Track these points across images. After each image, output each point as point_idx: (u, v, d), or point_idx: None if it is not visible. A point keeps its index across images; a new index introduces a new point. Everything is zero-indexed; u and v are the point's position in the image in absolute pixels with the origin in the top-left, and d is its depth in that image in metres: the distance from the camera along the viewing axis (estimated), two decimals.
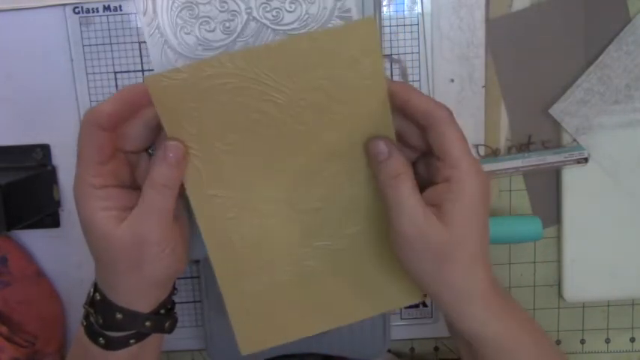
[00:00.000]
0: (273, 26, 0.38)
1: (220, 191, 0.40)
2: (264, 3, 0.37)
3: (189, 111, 0.37)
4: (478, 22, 0.56)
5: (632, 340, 0.63)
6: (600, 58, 0.55)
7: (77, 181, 0.38)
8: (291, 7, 0.38)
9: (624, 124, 0.57)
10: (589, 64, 0.56)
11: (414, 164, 0.42)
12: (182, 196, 0.40)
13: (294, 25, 0.38)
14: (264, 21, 0.38)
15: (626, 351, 0.63)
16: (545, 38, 0.56)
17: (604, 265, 0.59)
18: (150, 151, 0.40)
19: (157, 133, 0.39)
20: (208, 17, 0.38)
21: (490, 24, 0.56)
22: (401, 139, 0.41)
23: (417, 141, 0.40)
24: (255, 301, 0.44)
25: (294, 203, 0.41)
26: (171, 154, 0.37)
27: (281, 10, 0.38)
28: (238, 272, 0.43)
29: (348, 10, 0.40)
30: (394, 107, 0.39)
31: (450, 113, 0.37)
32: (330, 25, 0.39)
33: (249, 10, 0.38)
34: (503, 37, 0.56)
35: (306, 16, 0.38)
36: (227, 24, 0.38)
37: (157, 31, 0.40)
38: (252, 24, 0.38)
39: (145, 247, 0.37)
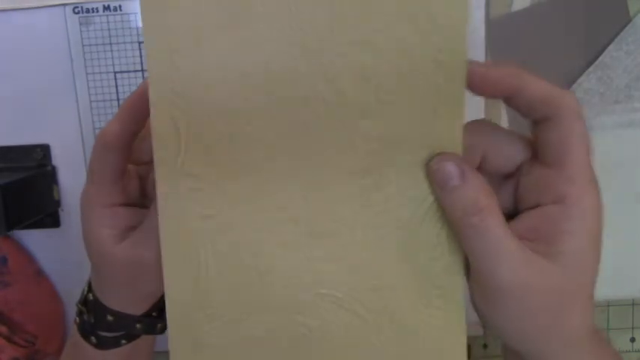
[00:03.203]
0: None
1: (201, 170, 0.28)
2: None
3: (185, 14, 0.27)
4: (478, 22, 0.56)
5: (632, 340, 0.63)
6: (600, 58, 0.55)
7: (85, 199, 0.37)
8: None
9: (624, 124, 0.57)
10: (589, 64, 0.56)
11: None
12: None
13: None
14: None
15: (626, 351, 0.63)
16: (545, 38, 0.56)
17: (604, 265, 0.58)
18: None
19: None
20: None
21: (490, 24, 0.56)
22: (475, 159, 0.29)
23: (502, 160, 0.29)
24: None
25: (301, 216, 0.28)
26: None
27: None
28: (198, 313, 0.30)
29: None
30: (500, 98, 0.27)
31: (578, 102, 0.27)
32: None
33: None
34: (503, 37, 0.56)
35: None
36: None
37: None
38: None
39: (143, 266, 0.37)
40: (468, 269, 0.29)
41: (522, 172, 0.29)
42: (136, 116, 0.35)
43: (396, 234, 0.28)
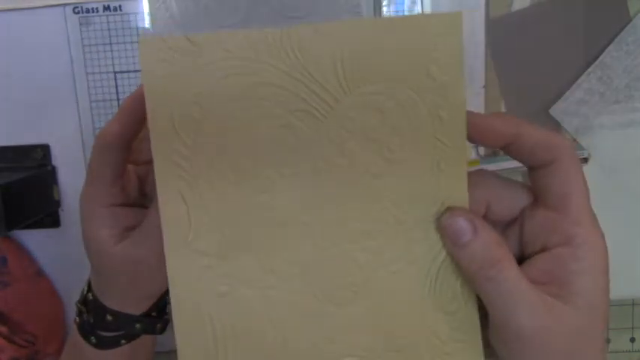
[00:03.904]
0: (284, 12, 0.36)
1: (211, 247, 0.28)
2: None
3: (188, 106, 0.26)
4: (478, 22, 0.56)
5: (632, 340, 0.63)
6: (600, 58, 0.55)
7: (84, 199, 0.38)
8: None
9: (624, 124, 0.57)
10: (589, 64, 0.56)
11: None
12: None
13: (298, 14, 0.37)
14: (273, 3, 0.36)
15: (626, 351, 0.63)
16: (545, 38, 0.56)
17: None
18: None
19: None
20: None
21: (490, 24, 0.56)
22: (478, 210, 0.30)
23: (505, 208, 0.30)
24: None
25: (314, 285, 0.28)
26: None
27: None
28: None
29: (358, 5, 0.38)
30: (496, 147, 0.29)
31: (572, 144, 0.30)
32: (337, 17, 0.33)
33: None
34: (503, 37, 0.56)
35: (316, 7, 0.36)
36: (234, 3, 0.36)
37: (162, 5, 0.38)
38: (261, 8, 0.36)
39: (142, 266, 0.37)
40: (484, 317, 0.29)
41: (525, 217, 0.29)
42: (136, 117, 0.35)
43: (412, 292, 0.28)
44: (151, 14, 0.37)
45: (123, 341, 0.40)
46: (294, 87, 0.26)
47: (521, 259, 0.29)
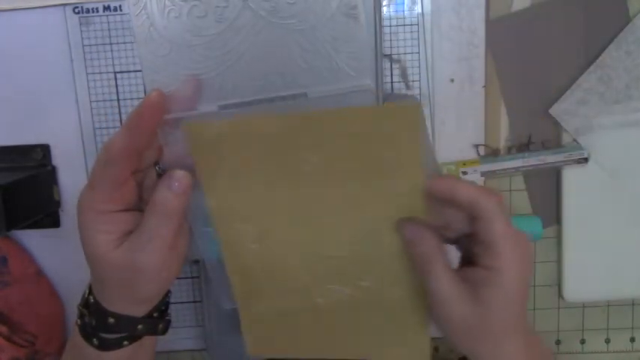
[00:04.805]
0: (270, 18, 0.36)
1: (247, 225, 0.41)
2: None
3: (223, 160, 0.38)
4: (478, 22, 0.56)
5: (632, 340, 0.63)
6: (600, 58, 0.55)
7: (82, 203, 0.38)
8: None
9: (624, 124, 0.57)
10: (589, 64, 0.56)
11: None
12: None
13: (292, 21, 0.37)
14: (260, 12, 0.36)
15: (626, 351, 0.63)
16: (545, 38, 0.56)
17: (604, 265, 0.59)
18: (157, 167, 0.40)
19: (162, 150, 0.39)
20: (199, 1, 0.36)
21: (490, 24, 0.56)
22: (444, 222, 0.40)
23: (460, 225, 0.39)
24: (267, 316, 0.45)
25: (316, 248, 0.41)
26: (176, 184, 0.37)
27: (279, 0, 0.35)
28: (253, 292, 0.44)
29: (354, 7, 0.38)
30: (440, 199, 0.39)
31: (499, 201, 0.37)
32: (331, 20, 0.36)
33: None
34: (503, 37, 0.56)
35: (308, 10, 0.36)
36: (219, 11, 0.36)
37: (143, 12, 0.37)
38: (248, 13, 0.36)
39: (139, 272, 0.37)
40: None
41: (475, 236, 0.38)
42: (143, 129, 0.35)
43: (379, 257, 0.41)
44: (133, 23, 0.37)
45: (125, 342, 0.40)
46: (296, 147, 0.37)
47: (470, 262, 0.39)
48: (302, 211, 0.40)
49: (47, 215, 0.57)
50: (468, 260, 0.39)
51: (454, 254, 0.41)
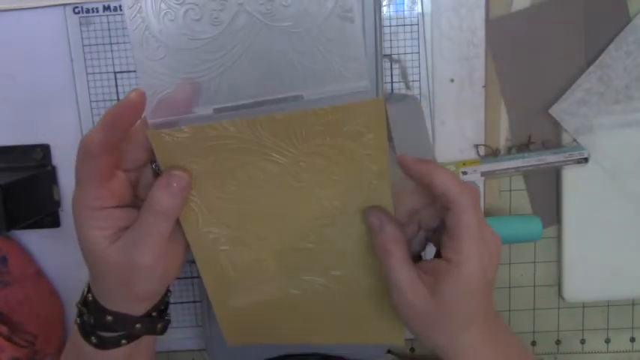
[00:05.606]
0: (265, 21, 0.36)
1: (215, 229, 0.41)
2: None
3: (190, 164, 0.38)
4: (478, 22, 0.56)
5: (632, 340, 0.63)
6: (600, 58, 0.55)
7: (75, 203, 0.38)
8: (287, 2, 0.36)
9: (624, 124, 0.56)
10: (589, 64, 0.56)
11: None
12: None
13: (288, 23, 0.36)
14: (256, 15, 0.36)
15: (626, 351, 0.63)
16: (545, 38, 0.56)
17: (604, 265, 0.59)
18: (154, 166, 0.40)
19: (152, 152, 0.39)
20: (195, 4, 0.36)
21: (490, 24, 0.56)
22: (415, 214, 0.42)
23: (429, 221, 0.41)
24: (243, 310, 0.46)
25: (285, 242, 0.42)
26: (174, 184, 0.37)
27: (274, 3, 0.35)
28: (228, 292, 0.45)
29: (350, 10, 0.38)
30: (418, 185, 0.40)
31: (474, 196, 0.38)
32: (328, 23, 0.36)
33: (240, 1, 0.36)
34: (503, 37, 0.56)
35: (303, 13, 0.36)
36: (215, 14, 0.36)
37: (138, 15, 0.37)
38: (244, 16, 0.36)
39: (135, 269, 0.37)
40: None
41: (443, 229, 0.39)
42: (120, 126, 0.36)
43: (347, 247, 0.43)
44: (128, 27, 0.37)
45: (123, 341, 0.40)
46: (262, 148, 0.38)
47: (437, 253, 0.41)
48: (269, 208, 0.41)
49: (47, 215, 0.57)
50: (439, 254, 0.40)
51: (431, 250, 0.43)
